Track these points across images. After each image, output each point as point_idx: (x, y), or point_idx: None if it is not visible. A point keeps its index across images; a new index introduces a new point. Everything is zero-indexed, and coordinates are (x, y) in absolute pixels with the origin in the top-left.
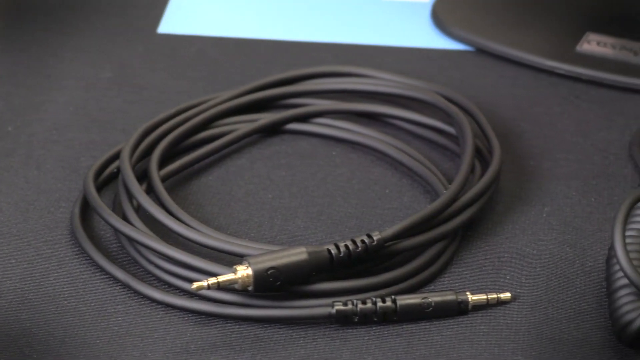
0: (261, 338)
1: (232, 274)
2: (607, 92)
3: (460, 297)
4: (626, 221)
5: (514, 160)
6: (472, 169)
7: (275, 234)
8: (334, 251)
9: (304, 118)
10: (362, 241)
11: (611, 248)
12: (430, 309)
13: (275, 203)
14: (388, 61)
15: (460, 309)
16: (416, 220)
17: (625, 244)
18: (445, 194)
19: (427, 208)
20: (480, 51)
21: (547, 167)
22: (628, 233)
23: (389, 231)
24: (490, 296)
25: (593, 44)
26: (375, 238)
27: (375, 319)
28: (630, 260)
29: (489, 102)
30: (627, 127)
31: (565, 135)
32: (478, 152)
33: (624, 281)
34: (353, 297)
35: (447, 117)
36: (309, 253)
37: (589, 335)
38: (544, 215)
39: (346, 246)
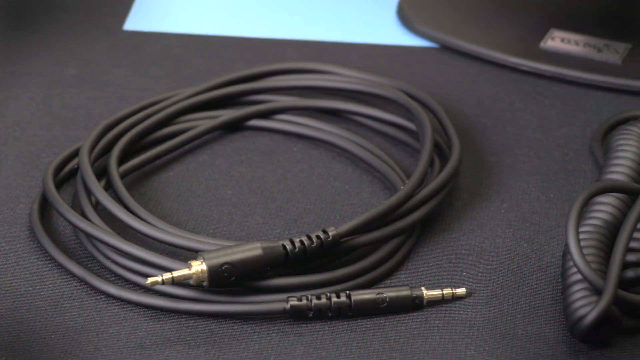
0: (216, 333)
1: (187, 269)
2: (570, 88)
3: (415, 293)
4: (580, 217)
5: (475, 157)
6: (431, 165)
7: (234, 230)
8: (289, 247)
9: (266, 114)
10: (318, 237)
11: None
12: (385, 304)
13: (235, 199)
14: (353, 58)
15: (415, 305)
16: (372, 216)
17: (578, 240)
18: (402, 190)
19: (384, 204)
20: (445, 48)
21: (508, 163)
22: (584, 229)
23: (345, 227)
24: (445, 292)
25: (557, 41)
26: (330, 234)
27: (330, 315)
28: (583, 255)
29: (452, 98)
30: (589, 123)
31: (526, 131)
32: (438, 148)
33: (578, 276)
34: (308, 293)
35: (408, 114)
36: (264, 248)
37: (542, 330)
38: (503, 211)
39: (301, 242)
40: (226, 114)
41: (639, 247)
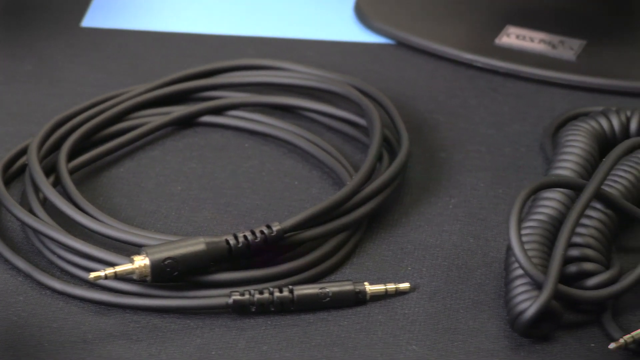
0: (159, 327)
1: (130, 264)
2: (524, 84)
3: (358, 288)
4: (522, 212)
5: (425, 152)
6: (380, 160)
7: (182, 225)
8: (232, 242)
9: (218, 111)
10: (261, 232)
11: None
12: (328, 299)
13: (184, 194)
14: (309, 54)
15: (358, 299)
16: (316, 212)
17: (520, 235)
18: (348, 185)
19: (328, 199)
20: (401, 44)
21: (458, 159)
22: (529, 224)
23: (289, 222)
24: (389, 286)
25: (512, 37)
26: (274, 229)
27: (273, 309)
28: (524, 250)
29: (406, 95)
30: (541, 119)
31: (479, 127)
32: (388, 144)
33: (520, 271)
34: (251, 288)
35: (360, 110)
36: (207, 243)
37: (485, 325)
38: (450, 206)
39: (245, 237)
40: (178, 110)
41: (582, 242)
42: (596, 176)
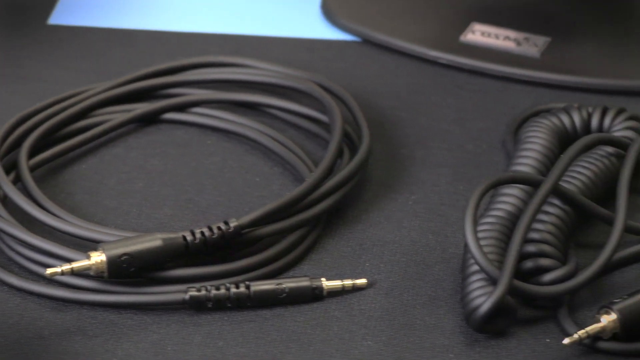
0: (115, 323)
1: (86, 260)
2: (488, 81)
3: (315, 283)
4: (478, 208)
5: (387, 149)
6: (340, 156)
7: (142, 222)
8: (189, 238)
9: (181, 108)
10: (219, 228)
11: None
12: (284, 294)
13: (146, 191)
14: (275, 52)
15: (315, 295)
16: (274, 208)
17: (475, 230)
18: (307, 181)
19: (287, 195)
20: (367, 42)
21: (420, 156)
22: (486, 220)
23: (246, 218)
24: (345, 282)
25: (477, 34)
26: (231, 225)
27: (229, 305)
28: (479, 246)
29: (370, 91)
30: (504, 116)
31: (441, 124)
32: (349, 140)
33: (476, 267)
34: (208, 284)
35: (322, 107)
36: (163, 240)
37: (441, 321)
38: (410, 203)
39: (202, 233)
40: (141, 108)
41: (539, 237)
42: (553, 172)
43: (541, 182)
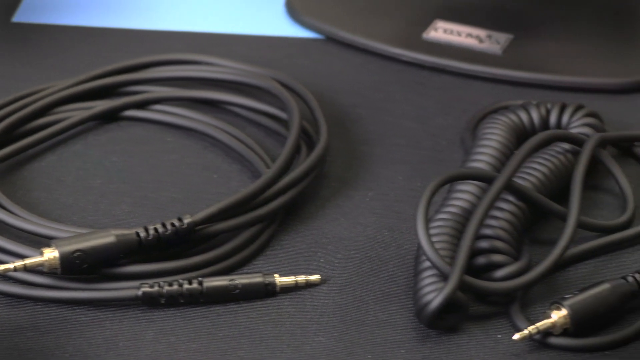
0: (68, 319)
1: (39, 257)
2: (449, 78)
3: (268, 280)
4: (429, 204)
5: (347, 146)
6: (297, 152)
7: (99, 219)
8: (142, 234)
9: (142, 105)
10: (172, 224)
11: None
12: (237, 291)
13: (103, 188)
14: (239, 49)
15: (268, 291)
16: (228, 204)
17: (427, 227)
18: (262, 178)
19: (241, 192)
20: (330, 39)
21: (379, 153)
22: (440, 216)
23: (200, 215)
24: (299, 278)
25: (440, 32)
26: (185, 221)
27: (182, 301)
28: (431, 242)
29: (332, 89)
30: (465, 113)
31: (402, 121)
32: (308, 137)
33: (428, 263)
34: (161, 280)
35: (282, 104)
36: (117, 236)
37: (393, 317)
38: (367, 199)
39: (155, 229)
40: (102, 105)
41: (492, 234)
42: (506, 169)
43: (494, 178)
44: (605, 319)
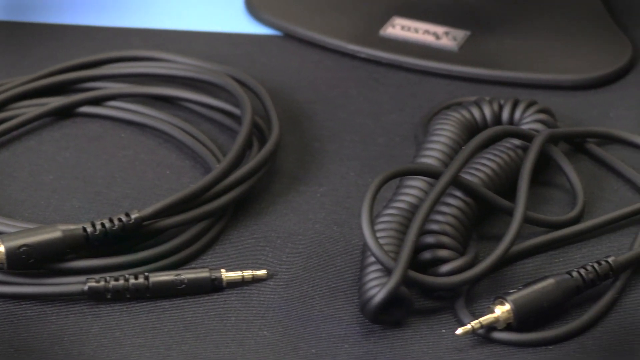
0: (15, 314)
1: None
2: (405, 75)
3: (214, 274)
4: (375, 199)
5: (300, 142)
6: (249, 148)
7: (49, 214)
8: (89, 229)
9: (97, 101)
10: (119, 219)
11: None
12: (184, 285)
13: (55, 184)
14: (198, 46)
15: (215, 286)
16: (176, 200)
17: (371, 221)
18: (212, 173)
19: (190, 187)
20: (289, 36)
21: (332, 149)
22: (387, 211)
23: (148, 210)
24: (245, 273)
25: (397, 28)
26: (132, 217)
27: (129, 296)
28: (375, 237)
29: (288, 85)
30: (419, 109)
31: (356, 117)
32: (261, 133)
33: (373, 258)
34: (108, 275)
35: (236, 100)
36: (63, 231)
37: (338, 312)
38: (318, 195)
39: (102, 224)
40: (56, 101)
41: (439, 229)
42: (453, 164)
43: (441, 173)
44: (550, 313)
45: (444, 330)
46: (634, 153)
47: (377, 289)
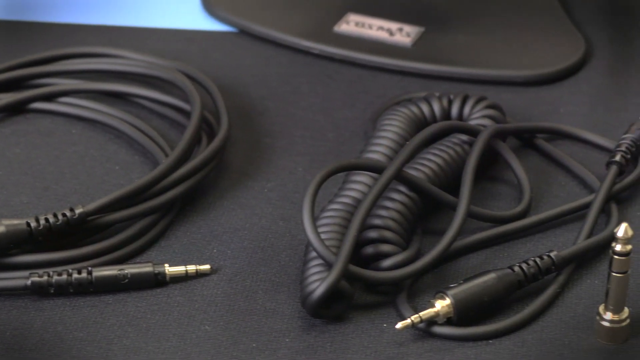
0: None
1: None
2: (359, 71)
3: (158, 269)
4: (316, 193)
5: (250, 138)
6: (198, 143)
7: None
8: (33, 224)
9: (49, 97)
10: (64, 214)
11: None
12: (127, 280)
13: (3, 179)
14: (153, 43)
15: (158, 281)
16: (122, 194)
17: (312, 215)
18: (158, 168)
19: (135, 182)
20: (244, 32)
21: (282, 145)
22: (332, 207)
23: (92, 205)
24: (189, 268)
25: (352, 25)
26: (77, 212)
27: (72, 290)
28: (316, 231)
29: (241, 81)
30: (371, 105)
31: (307, 113)
32: (210, 128)
33: (315, 253)
34: (52, 269)
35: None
36: (7, 226)
37: (281, 306)
38: (266, 190)
39: (46, 219)
40: (8, 97)
41: (382, 224)
42: (397, 159)
43: (384, 168)
44: (491, 308)
45: (385, 325)
46: (582, 148)
47: (318, 284)
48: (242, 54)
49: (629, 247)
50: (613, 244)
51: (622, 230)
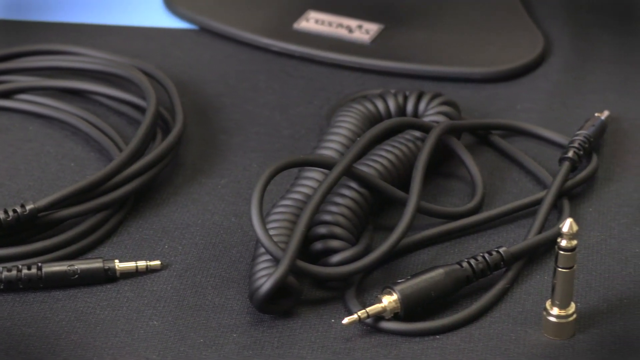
0: None
1: None
2: (317, 68)
3: (108, 265)
4: (265, 189)
5: (206, 134)
6: (152, 139)
7: None
8: None
9: (6, 94)
10: (14, 210)
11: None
12: (77, 276)
13: None
14: (113, 40)
15: (108, 276)
16: (74, 190)
17: (261, 211)
18: (111, 164)
19: (87, 178)
20: (204, 30)
21: (237, 141)
22: (282, 202)
23: (44, 201)
24: (139, 264)
25: (311, 22)
26: (27, 208)
27: (22, 286)
28: (264, 227)
29: (200, 78)
30: (328, 102)
31: (264, 110)
32: (166, 125)
33: (263, 249)
34: (1, 265)
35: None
36: None
37: (229, 302)
38: (219, 187)
39: None
40: None
41: (332, 220)
42: (347, 155)
43: (334, 164)
44: (438, 303)
45: (333, 320)
46: (537, 145)
47: (265, 279)
48: (202, 51)
49: (574, 242)
50: (558, 240)
51: (567, 225)
